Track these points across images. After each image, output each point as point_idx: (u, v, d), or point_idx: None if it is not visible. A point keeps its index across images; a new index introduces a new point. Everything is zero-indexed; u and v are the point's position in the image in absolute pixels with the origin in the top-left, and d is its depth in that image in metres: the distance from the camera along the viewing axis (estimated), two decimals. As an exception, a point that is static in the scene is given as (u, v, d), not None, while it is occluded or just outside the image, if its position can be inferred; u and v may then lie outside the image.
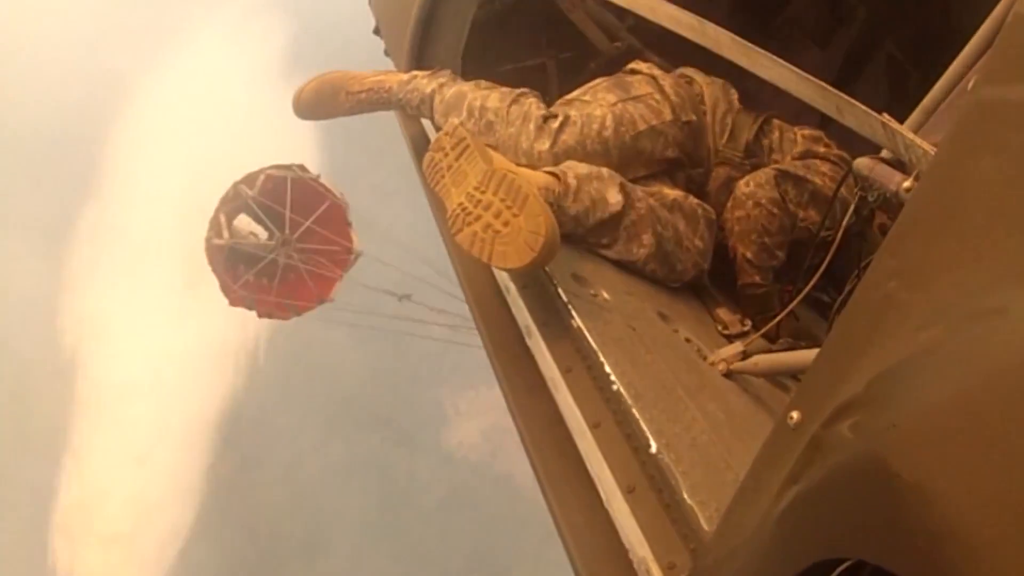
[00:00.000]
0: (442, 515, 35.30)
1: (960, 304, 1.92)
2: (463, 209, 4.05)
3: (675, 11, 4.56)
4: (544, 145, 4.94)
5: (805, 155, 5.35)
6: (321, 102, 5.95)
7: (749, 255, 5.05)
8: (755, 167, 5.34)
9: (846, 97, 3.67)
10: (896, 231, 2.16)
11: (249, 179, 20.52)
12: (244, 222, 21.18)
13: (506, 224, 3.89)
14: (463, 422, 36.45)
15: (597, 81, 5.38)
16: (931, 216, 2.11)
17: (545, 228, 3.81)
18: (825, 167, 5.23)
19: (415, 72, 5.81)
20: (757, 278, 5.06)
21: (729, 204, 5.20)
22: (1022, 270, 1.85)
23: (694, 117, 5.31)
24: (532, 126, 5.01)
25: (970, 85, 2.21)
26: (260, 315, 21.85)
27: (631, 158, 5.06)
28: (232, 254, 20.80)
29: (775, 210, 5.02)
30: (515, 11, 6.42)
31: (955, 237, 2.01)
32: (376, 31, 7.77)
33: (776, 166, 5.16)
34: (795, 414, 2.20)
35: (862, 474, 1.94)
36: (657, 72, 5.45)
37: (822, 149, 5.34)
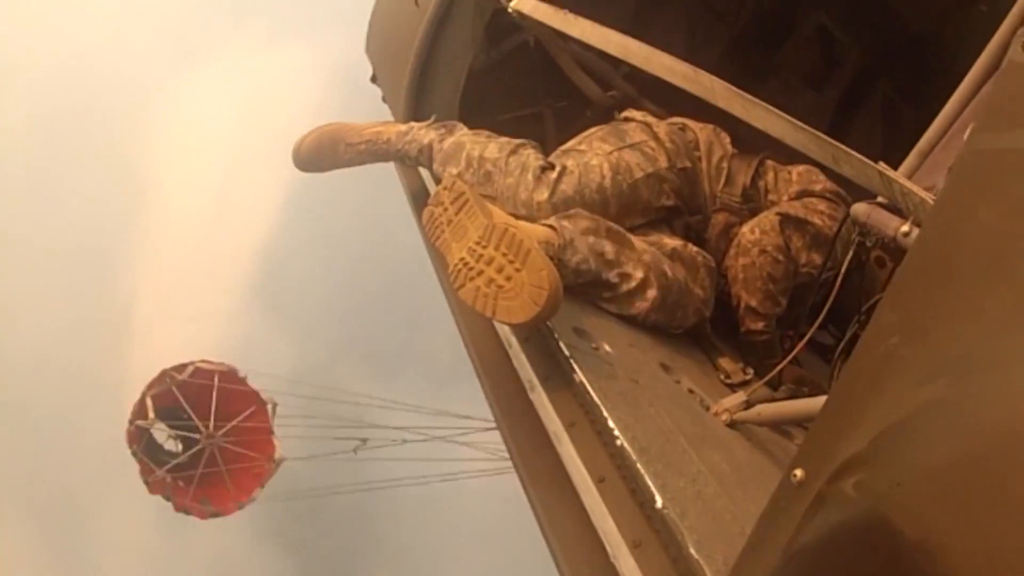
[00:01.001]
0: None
1: (961, 358, 1.92)
2: (465, 264, 4.03)
3: (669, 60, 4.57)
4: (543, 196, 4.95)
5: (801, 194, 5.37)
6: (321, 154, 5.96)
7: (754, 303, 5.06)
8: (753, 212, 5.37)
9: (842, 147, 3.67)
10: (896, 284, 2.16)
11: (178, 367, 20.57)
12: (168, 422, 21.11)
13: (509, 279, 3.87)
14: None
15: (592, 130, 5.39)
16: (930, 269, 2.11)
17: (549, 282, 3.79)
18: (822, 205, 5.25)
19: (413, 123, 5.82)
20: (761, 325, 5.07)
21: (733, 251, 5.21)
22: (1020, 320, 1.85)
23: (689, 164, 5.34)
24: (530, 176, 5.02)
25: (967, 135, 2.20)
26: (176, 509, 21.67)
27: (629, 206, 5.07)
28: (153, 442, 20.85)
29: (780, 257, 5.03)
30: (511, 60, 6.44)
31: (954, 290, 2.01)
32: (373, 79, 7.78)
33: (778, 210, 5.17)
34: (799, 472, 2.19)
35: (866, 532, 1.93)
36: (651, 119, 5.47)
37: (818, 187, 5.35)
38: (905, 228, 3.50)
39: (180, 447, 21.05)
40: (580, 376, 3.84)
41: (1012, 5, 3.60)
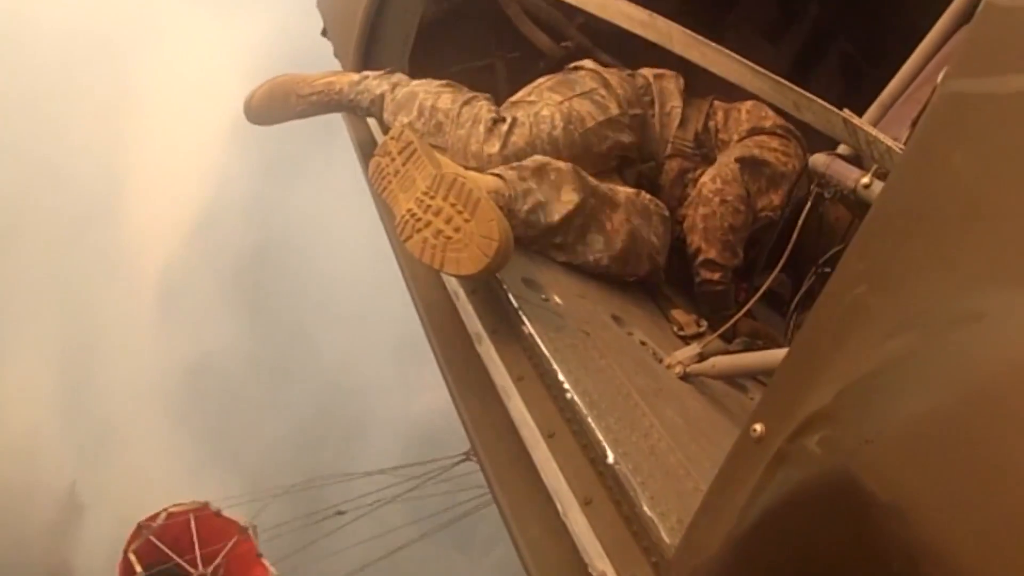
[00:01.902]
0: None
1: (934, 308, 1.83)
2: (412, 215, 3.94)
3: (625, 6, 4.49)
4: (494, 148, 4.87)
5: (752, 132, 5.34)
6: (272, 106, 5.86)
7: (712, 254, 4.99)
8: (705, 156, 5.35)
9: (804, 92, 3.60)
10: (864, 232, 2.07)
11: (151, 518, 20.54)
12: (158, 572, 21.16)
13: (457, 230, 3.79)
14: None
15: (541, 80, 5.34)
16: (901, 215, 2.03)
17: (499, 233, 3.71)
18: (775, 142, 5.22)
19: (366, 73, 5.73)
20: (717, 276, 5.01)
21: (692, 200, 5.17)
22: (1000, 269, 1.76)
23: (640, 110, 5.30)
24: (482, 128, 4.95)
25: (940, 78, 2.13)
26: None
27: (581, 155, 4.99)
28: None
29: (741, 207, 4.98)
30: (462, 11, 6.35)
31: (927, 237, 1.92)
32: (324, 33, 7.69)
33: (736, 155, 5.12)
34: (758, 426, 2.10)
35: (833, 492, 1.85)
36: (600, 67, 5.42)
37: (768, 123, 5.32)
38: (866, 180, 3.45)
39: None
40: (529, 328, 3.77)
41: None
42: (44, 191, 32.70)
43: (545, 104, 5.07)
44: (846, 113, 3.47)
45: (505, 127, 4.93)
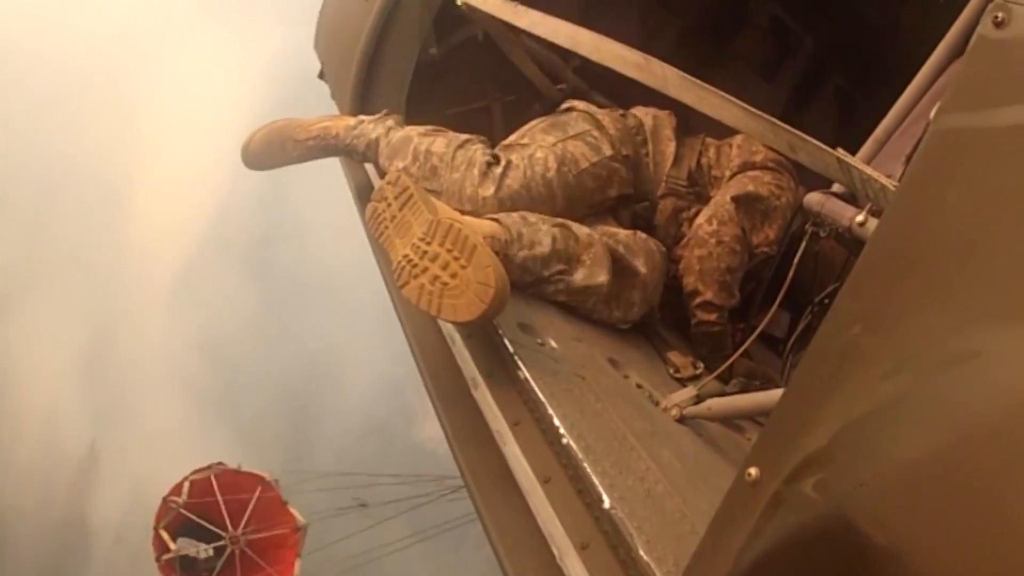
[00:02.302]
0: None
1: (928, 349, 1.82)
2: (408, 261, 3.93)
3: (620, 49, 4.48)
4: (488, 191, 4.86)
5: (744, 167, 5.34)
6: (270, 151, 5.86)
7: (709, 295, 5.00)
8: (698, 195, 5.36)
9: (798, 133, 3.58)
10: (858, 271, 2.06)
11: (175, 490, 20.56)
12: (187, 541, 21.20)
13: (454, 276, 3.77)
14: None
15: (534, 123, 5.35)
16: (895, 254, 2.02)
17: (495, 279, 3.69)
18: (767, 176, 5.24)
19: (362, 117, 5.72)
20: (714, 317, 5.01)
21: (688, 241, 5.17)
22: (994, 308, 1.75)
23: (633, 151, 5.31)
24: (476, 172, 4.93)
25: (933, 114, 2.11)
26: None
27: (576, 198, 5.02)
28: (187, 563, 20.85)
29: (738, 247, 5.00)
30: (459, 54, 6.35)
31: (921, 276, 1.91)
32: (321, 75, 7.70)
33: (731, 194, 5.13)
34: (753, 470, 2.09)
35: (829, 535, 1.84)
36: (593, 108, 5.44)
37: (759, 158, 5.32)
38: (860, 218, 3.44)
39: (212, 552, 21.03)
40: (525, 373, 3.76)
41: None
42: (70, 185, 36.02)
43: (539, 146, 5.06)
44: (840, 153, 3.46)
45: (499, 170, 4.92)
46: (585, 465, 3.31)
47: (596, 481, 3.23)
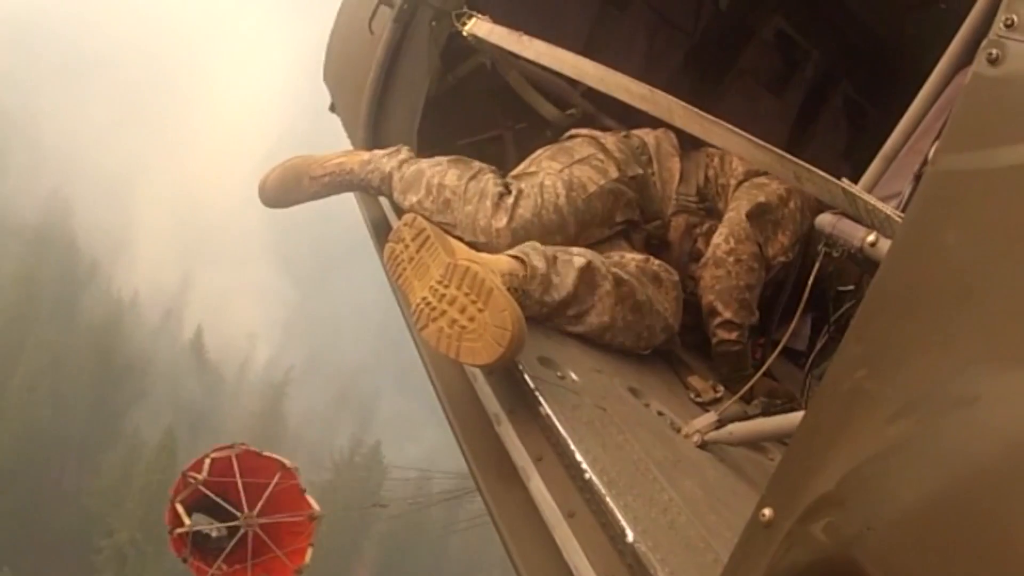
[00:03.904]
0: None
1: (931, 392, 1.86)
2: (427, 304, 3.96)
3: (625, 81, 4.51)
4: (501, 222, 4.91)
5: (748, 174, 5.42)
6: (286, 189, 5.93)
7: (729, 315, 5.06)
8: (709, 210, 5.43)
9: (804, 164, 3.61)
10: (861, 315, 2.09)
11: (196, 466, 20.51)
12: (202, 518, 21.13)
13: (472, 319, 3.80)
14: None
15: (540, 151, 5.41)
16: (896, 298, 2.05)
17: (512, 323, 3.72)
18: (773, 184, 5.30)
19: (375, 152, 5.76)
20: (735, 335, 5.06)
21: (706, 261, 5.23)
22: (993, 350, 1.78)
23: (640, 170, 5.37)
24: (488, 203, 4.98)
25: (931, 154, 2.14)
26: None
27: (587, 222, 5.08)
28: (199, 539, 20.79)
29: (755, 264, 5.07)
30: (468, 84, 6.37)
31: (921, 319, 1.95)
32: (332, 108, 7.72)
33: (745, 211, 5.19)
34: (767, 511, 2.13)
35: (839, 577, 1.87)
36: (597, 132, 5.49)
37: None
38: (871, 238, 3.44)
39: (225, 532, 20.98)
40: (546, 408, 3.78)
41: (972, 4, 3.54)
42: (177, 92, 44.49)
43: (546, 174, 5.12)
44: (845, 183, 3.48)
45: (511, 200, 4.97)
46: (608, 499, 3.33)
47: (619, 515, 3.24)
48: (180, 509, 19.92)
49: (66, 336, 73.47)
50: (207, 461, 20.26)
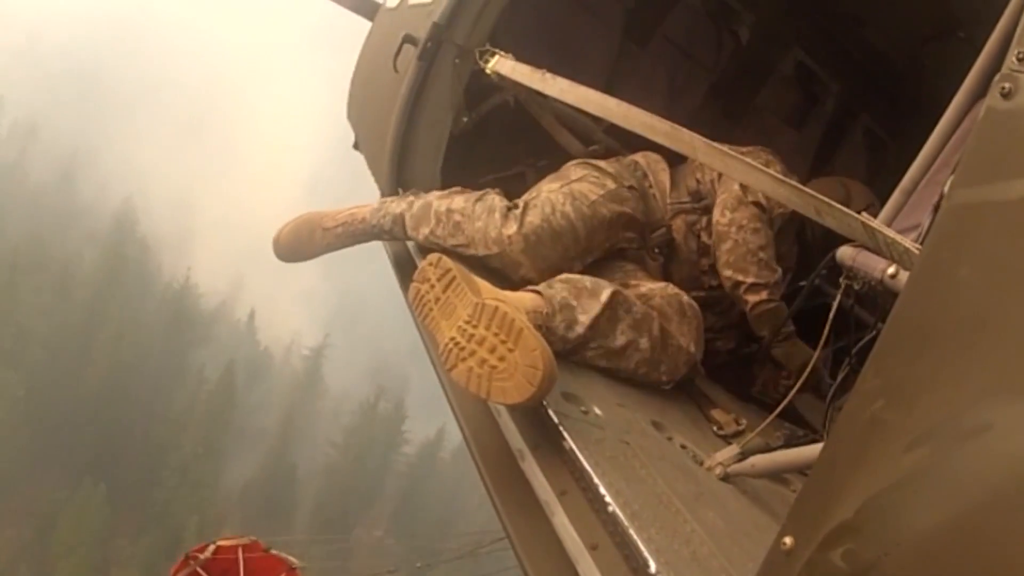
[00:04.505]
0: None
1: (946, 423, 1.88)
2: (456, 344, 3.96)
3: (648, 118, 4.53)
4: (512, 229, 5.06)
5: None
6: (299, 243, 6.05)
7: (751, 278, 5.22)
8: (705, 208, 5.58)
9: (824, 199, 3.63)
10: (879, 348, 2.12)
11: (200, 548, 20.34)
12: None
13: (502, 359, 3.81)
14: None
15: (538, 183, 5.58)
16: (913, 331, 2.07)
17: (543, 362, 3.73)
18: (753, 158, 5.27)
19: (384, 199, 5.93)
20: (764, 295, 5.23)
21: (714, 242, 5.41)
22: (1005, 383, 1.81)
23: (635, 182, 5.54)
24: (498, 215, 5.15)
25: (946, 188, 2.15)
26: None
27: (595, 227, 5.25)
28: None
29: (759, 224, 5.25)
30: (491, 121, 6.40)
31: (938, 352, 1.98)
32: (356, 145, 7.76)
33: (735, 184, 5.37)
34: (788, 540, 2.15)
35: (858, 605, 1.89)
36: (587, 159, 5.71)
37: (744, 150, 5.26)
38: (891, 270, 3.46)
39: None
40: (570, 443, 3.79)
41: (987, 32, 3.56)
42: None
43: (548, 191, 5.30)
44: (864, 217, 3.50)
45: (519, 210, 5.13)
46: (631, 532, 3.33)
47: (643, 547, 3.25)
48: None
49: (141, 307, 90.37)
50: (211, 546, 20.14)
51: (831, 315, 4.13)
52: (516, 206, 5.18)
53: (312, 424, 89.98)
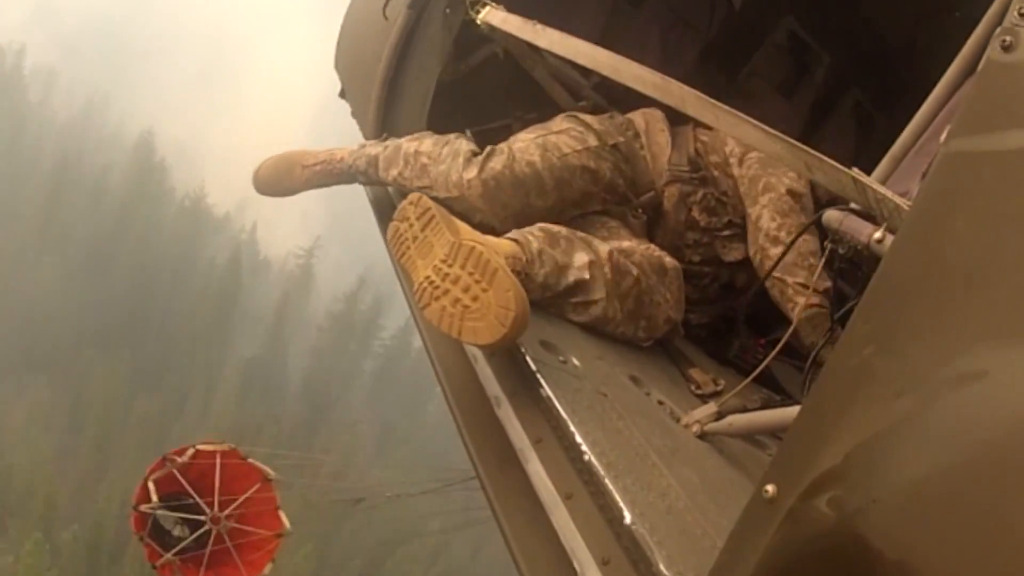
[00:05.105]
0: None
1: (938, 369, 1.85)
2: (430, 283, 3.95)
3: (638, 70, 4.50)
4: (472, 173, 5.02)
5: (744, 146, 5.51)
6: (279, 178, 6.08)
7: (800, 279, 5.00)
8: (703, 180, 5.51)
9: (815, 153, 3.59)
10: (870, 295, 2.09)
11: (178, 451, 20.29)
12: (170, 515, 20.82)
13: (475, 299, 3.79)
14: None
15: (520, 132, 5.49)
16: (905, 277, 2.04)
17: (515, 303, 3.71)
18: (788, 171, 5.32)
19: (364, 142, 5.92)
20: (816, 300, 4.90)
21: (762, 244, 5.27)
22: (1001, 329, 1.78)
23: (622, 139, 5.43)
24: (461, 159, 5.12)
25: (943, 137, 2.13)
26: None
27: (566, 180, 5.15)
28: (159, 525, 20.44)
29: (807, 235, 4.99)
30: (479, 72, 6.36)
31: (931, 298, 1.94)
32: (342, 94, 7.72)
33: (786, 188, 5.30)
34: (770, 487, 2.12)
35: (841, 551, 1.87)
36: (577, 113, 5.58)
37: None
38: (878, 235, 3.42)
39: (187, 531, 20.69)
40: (547, 391, 3.77)
41: (985, 12, 3.54)
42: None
43: (519, 139, 5.24)
44: (855, 172, 3.46)
45: (482, 156, 5.08)
46: (607, 481, 3.32)
47: (618, 497, 3.24)
48: (151, 487, 19.66)
49: (161, 213, 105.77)
50: (191, 450, 20.07)
51: (814, 278, 4.11)
52: (481, 151, 5.15)
53: (303, 311, 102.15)
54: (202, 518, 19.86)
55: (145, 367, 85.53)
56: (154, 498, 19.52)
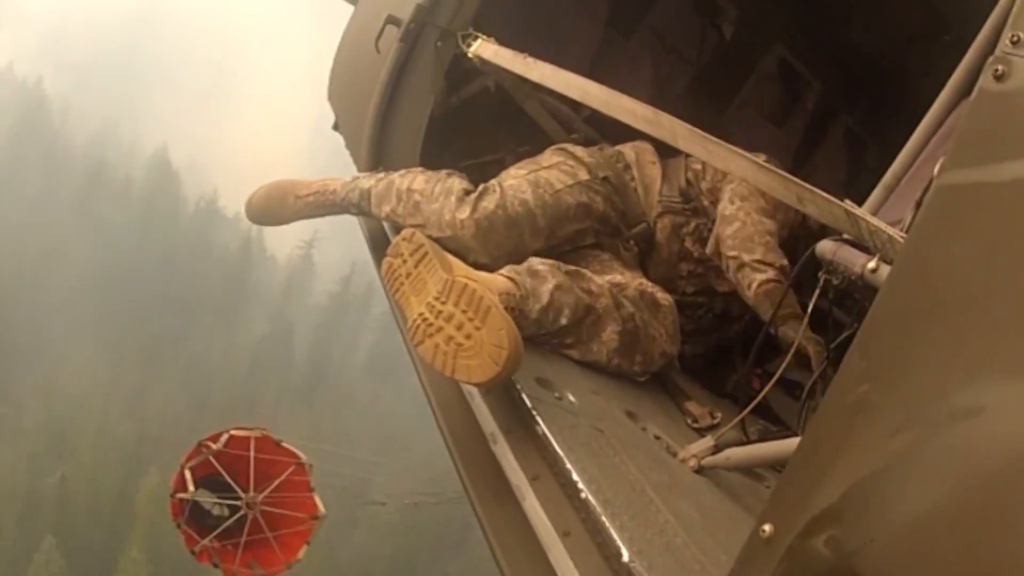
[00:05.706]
0: None
1: (934, 405, 1.84)
2: (424, 320, 3.94)
3: (630, 103, 4.50)
4: (464, 213, 4.97)
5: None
6: (271, 207, 6.01)
7: (757, 256, 5.00)
8: (695, 210, 5.47)
9: (806, 186, 3.59)
10: (865, 330, 2.08)
11: (213, 437, 20.14)
12: (205, 493, 20.70)
13: (468, 337, 3.78)
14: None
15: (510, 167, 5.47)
16: (901, 312, 2.04)
17: (508, 341, 3.70)
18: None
19: (357, 175, 5.89)
20: (770, 274, 4.94)
21: (719, 223, 5.26)
22: (998, 361, 1.77)
23: (612, 172, 5.40)
24: (454, 199, 5.06)
25: (936, 169, 2.12)
26: (226, 575, 21.13)
27: (558, 217, 5.12)
28: (196, 510, 20.27)
29: (765, 216, 5.12)
30: (472, 106, 6.34)
31: (927, 333, 1.94)
32: (335, 126, 7.72)
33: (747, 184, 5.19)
34: (767, 527, 2.10)
35: (841, 592, 1.85)
36: (567, 146, 5.56)
37: None
38: (872, 264, 3.41)
39: (226, 512, 20.46)
40: (543, 428, 3.76)
41: (975, 35, 3.54)
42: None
43: (511, 176, 5.21)
44: (848, 204, 3.45)
45: (475, 195, 5.04)
46: (604, 519, 3.30)
47: (615, 535, 3.22)
48: (188, 475, 19.52)
49: (178, 212, 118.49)
50: (225, 436, 19.92)
51: (808, 310, 4.10)
52: (474, 189, 5.12)
53: (306, 291, 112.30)
54: (237, 502, 19.75)
55: (165, 336, 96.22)
56: (191, 487, 19.41)
